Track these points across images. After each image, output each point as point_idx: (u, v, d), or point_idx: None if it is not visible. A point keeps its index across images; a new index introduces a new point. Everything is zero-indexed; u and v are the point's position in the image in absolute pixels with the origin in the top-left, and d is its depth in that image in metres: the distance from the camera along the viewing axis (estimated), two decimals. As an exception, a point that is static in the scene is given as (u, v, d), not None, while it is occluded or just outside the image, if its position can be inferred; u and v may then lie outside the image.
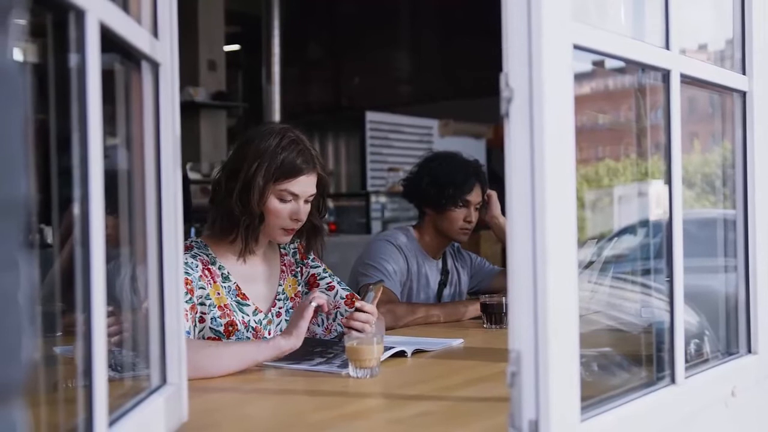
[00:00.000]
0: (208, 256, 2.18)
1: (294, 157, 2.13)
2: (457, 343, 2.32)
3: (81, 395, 1.01)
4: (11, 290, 0.57)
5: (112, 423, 1.08)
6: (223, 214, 2.16)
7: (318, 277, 2.38)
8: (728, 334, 1.82)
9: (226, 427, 1.56)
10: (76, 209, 0.99)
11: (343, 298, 2.33)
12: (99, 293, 1.00)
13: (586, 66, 1.42)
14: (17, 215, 0.58)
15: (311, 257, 2.40)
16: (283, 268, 2.33)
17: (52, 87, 1.07)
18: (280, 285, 2.31)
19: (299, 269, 2.38)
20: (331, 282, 2.37)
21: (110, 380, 1.05)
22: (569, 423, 1.19)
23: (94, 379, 1.00)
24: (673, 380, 1.49)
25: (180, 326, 1.38)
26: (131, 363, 1.41)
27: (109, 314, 1.36)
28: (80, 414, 1.01)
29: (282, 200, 2.15)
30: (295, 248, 2.38)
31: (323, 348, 2.11)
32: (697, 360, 1.68)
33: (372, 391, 1.77)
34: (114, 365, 1.26)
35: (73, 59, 0.99)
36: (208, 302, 2.11)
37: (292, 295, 2.32)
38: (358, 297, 2.33)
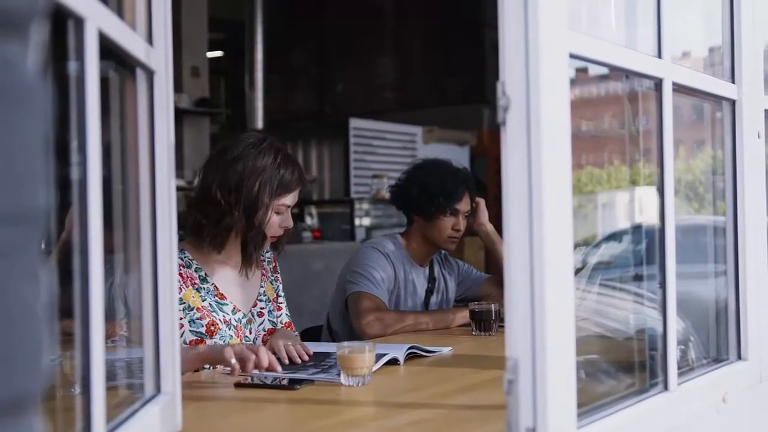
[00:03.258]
0: (182, 259, 2.22)
1: (291, 173, 2.25)
2: (446, 350, 2.32)
3: (78, 405, 1.00)
4: (32, 301, 0.57)
5: (108, 433, 1.07)
6: (224, 230, 2.21)
7: (278, 294, 2.47)
8: (718, 341, 1.84)
9: (219, 436, 1.55)
10: (75, 217, 0.98)
11: (282, 324, 2.41)
12: (97, 303, 0.99)
13: (570, 73, 1.43)
14: (38, 226, 0.58)
15: (278, 273, 2.50)
16: (263, 271, 2.42)
17: (49, 94, 1.06)
18: (262, 287, 2.39)
19: (274, 278, 2.47)
20: (282, 304, 2.47)
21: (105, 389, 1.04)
22: (566, 430, 1.19)
23: (92, 389, 0.99)
24: (666, 387, 1.50)
25: (174, 335, 1.37)
26: (124, 371, 1.40)
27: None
28: (77, 423, 1.00)
29: (277, 213, 2.25)
30: (269, 257, 2.47)
31: (316, 361, 2.10)
32: (683, 366, 1.69)
33: (364, 399, 1.76)
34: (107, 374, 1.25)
35: (71, 66, 0.99)
36: (182, 306, 2.15)
37: (272, 299, 2.41)
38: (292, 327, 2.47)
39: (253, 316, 2.33)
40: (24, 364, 0.56)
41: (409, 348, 2.16)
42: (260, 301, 2.37)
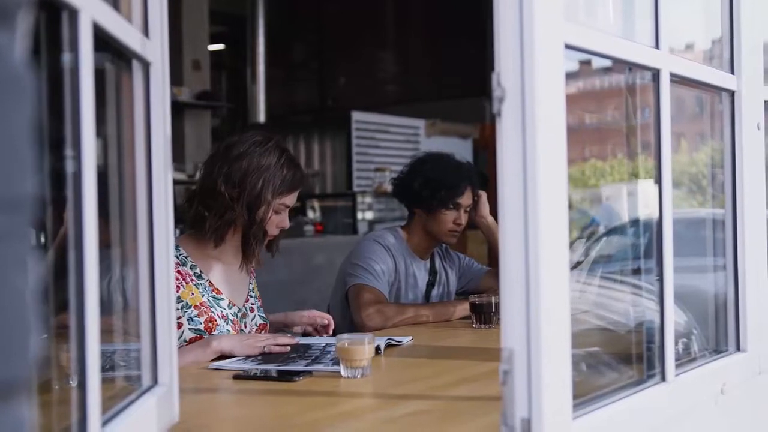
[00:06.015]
0: (178, 257, 2.23)
1: (293, 174, 2.28)
2: (406, 340, 2.32)
3: (74, 396, 1.00)
4: (20, 287, 0.57)
5: (104, 423, 1.07)
6: (226, 224, 2.24)
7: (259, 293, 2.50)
8: (717, 332, 1.84)
9: (217, 428, 1.56)
10: (69, 210, 0.98)
11: (257, 326, 2.41)
12: (92, 295, 0.99)
13: (573, 65, 1.43)
14: (25, 212, 0.58)
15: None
16: (251, 269, 2.45)
17: (42, 86, 1.06)
18: (251, 283, 2.43)
19: (255, 276, 2.50)
20: (258, 304, 2.47)
21: (102, 380, 1.05)
22: (562, 421, 1.19)
23: (87, 380, 0.99)
24: (663, 378, 1.50)
25: (171, 326, 1.38)
26: (121, 363, 1.40)
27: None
28: (73, 414, 1.00)
29: (276, 212, 2.28)
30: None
31: (298, 353, 2.10)
32: (685, 359, 1.69)
33: (363, 390, 1.76)
34: (104, 366, 1.25)
35: (65, 58, 0.99)
36: (180, 305, 2.17)
37: (257, 296, 2.45)
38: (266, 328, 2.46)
39: (246, 310, 2.37)
40: (13, 350, 0.57)
41: (387, 343, 2.19)
42: (251, 297, 2.41)
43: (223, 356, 2.07)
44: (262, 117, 8.85)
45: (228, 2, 8.78)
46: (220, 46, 10.07)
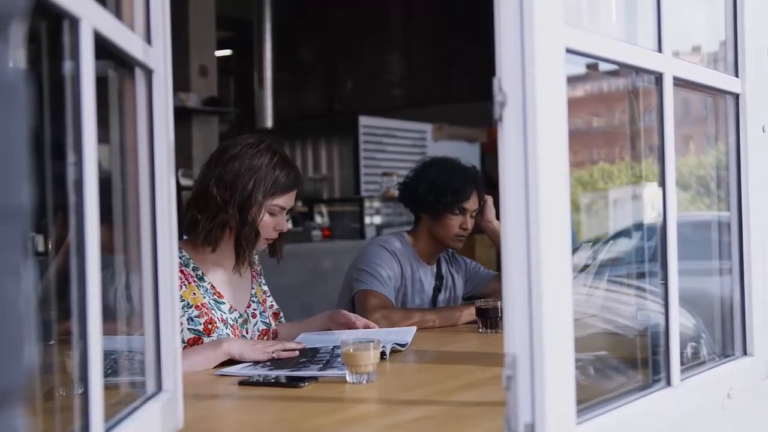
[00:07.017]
0: (181, 258, 2.24)
1: (286, 175, 2.28)
2: (409, 337, 2.33)
3: (77, 403, 1.00)
4: (13, 296, 0.57)
5: (107, 430, 1.07)
6: (218, 226, 2.24)
7: (267, 294, 2.50)
8: (724, 337, 1.83)
9: (222, 434, 1.55)
10: (71, 217, 0.99)
11: (259, 332, 2.40)
12: (94, 301, 1.00)
13: (580, 69, 1.42)
14: (20, 222, 0.59)
15: (262, 276, 2.53)
16: (254, 274, 2.45)
17: (45, 94, 1.07)
18: (253, 288, 2.42)
19: (261, 279, 2.50)
20: (269, 298, 2.50)
21: (105, 387, 1.05)
22: (565, 426, 1.19)
23: (90, 386, 0.99)
24: (668, 382, 1.49)
25: (175, 333, 1.38)
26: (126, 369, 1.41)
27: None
28: (76, 421, 1.00)
29: (271, 214, 2.28)
30: (257, 261, 2.51)
31: (307, 358, 2.10)
32: (693, 363, 1.68)
33: (369, 396, 1.76)
34: (108, 371, 1.25)
35: (67, 66, 0.99)
36: (181, 304, 2.17)
37: (261, 300, 2.44)
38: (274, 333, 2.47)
39: (248, 316, 2.36)
40: (5, 358, 0.57)
41: (392, 348, 2.18)
42: (253, 302, 2.40)
43: (230, 360, 2.07)
44: (269, 122, 8.84)
45: (235, 7, 8.79)
46: (227, 52, 10.08)
